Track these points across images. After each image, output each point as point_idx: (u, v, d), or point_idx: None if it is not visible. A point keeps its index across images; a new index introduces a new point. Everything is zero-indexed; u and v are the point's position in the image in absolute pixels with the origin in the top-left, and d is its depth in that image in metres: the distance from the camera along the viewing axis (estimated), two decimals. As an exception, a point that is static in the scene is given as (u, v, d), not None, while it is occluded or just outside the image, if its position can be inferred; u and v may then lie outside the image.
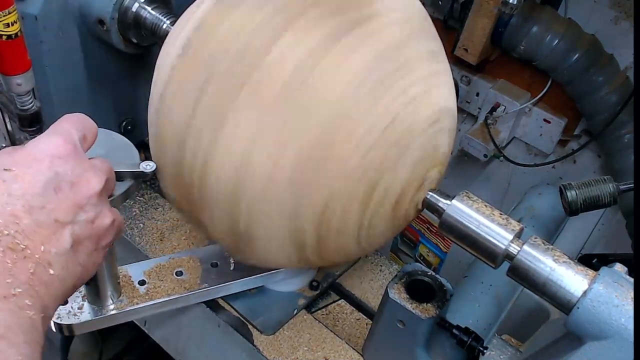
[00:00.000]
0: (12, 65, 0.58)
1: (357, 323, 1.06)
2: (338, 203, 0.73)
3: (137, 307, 0.91)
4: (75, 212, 0.60)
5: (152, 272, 0.95)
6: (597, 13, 1.37)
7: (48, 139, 0.62)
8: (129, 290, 0.92)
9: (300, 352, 0.97)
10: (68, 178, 0.60)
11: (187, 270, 0.97)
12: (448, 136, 0.78)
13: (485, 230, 0.73)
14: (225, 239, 0.80)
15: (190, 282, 0.96)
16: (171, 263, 0.97)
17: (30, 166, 0.58)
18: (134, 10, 0.99)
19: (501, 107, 1.51)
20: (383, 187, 0.73)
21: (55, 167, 0.59)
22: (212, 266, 0.99)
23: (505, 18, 1.35)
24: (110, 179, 0.68)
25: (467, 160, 1.69)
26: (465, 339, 0.86)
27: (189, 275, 0.97)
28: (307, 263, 0.83)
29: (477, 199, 0.76)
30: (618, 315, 0.64)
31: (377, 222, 0.77)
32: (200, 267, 0.98)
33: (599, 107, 1.37)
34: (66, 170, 0.60)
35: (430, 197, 0.78)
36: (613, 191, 0.86)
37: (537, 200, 1.38)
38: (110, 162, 0.69)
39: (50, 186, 0.58)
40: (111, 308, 0.89)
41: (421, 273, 0.88)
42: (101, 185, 0.64)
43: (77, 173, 0.61)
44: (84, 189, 0.61)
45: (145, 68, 1.11)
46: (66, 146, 0.62)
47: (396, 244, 1.58)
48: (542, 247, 0.71)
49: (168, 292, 0.93)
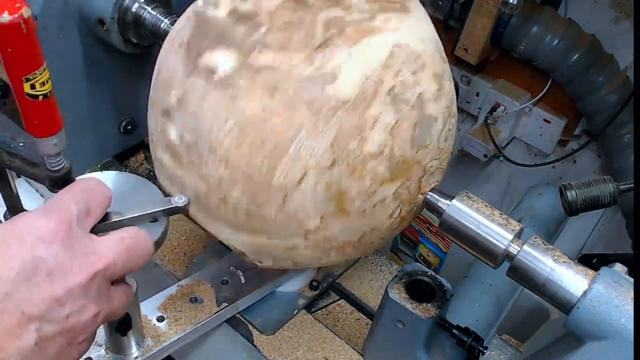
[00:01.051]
0: (48, 126, 0.53)
1: (357, 323, 1.06)
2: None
3: (165, 344, 0.86)
4: (49, 306, 0.52)
5: (167, 305, 0.92)
6: (597, 13, 1.37)
7: (39, 215, 0.54)
8: (150, 330, 0.87)
9: (300, 352, 0.97)
10: (49, 265, 0.52)
11: (201, 294, 0.95)
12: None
13: (485, 230, 0.73)
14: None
15: (209, 305, 0.93)
16: (181, 291, 0.94)
17: (9, 245, 0.51)
18: (134, 10, 0.99)
19: (501, 107, 1.51)
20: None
21: (37, 251, 0.52)
22: (222, 284, 0.97)
23: (505, 18, 1.35)
24: (116, 262, 0.58)
25: (467, 160, 1.69)
26: (465, 339, 0.86)
27: (205, 298, 0.94)
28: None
29: (477, 199, 0.76)
30: (618, 315, 0.64)
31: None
32: (212, 288, 0.96)
33: (599, 107, 1.37)
34: (48, 256, 0.52)
35: (430, 197, 0.78)
36: (613, 191, 0.86)
37: (537, 200, 1.38)
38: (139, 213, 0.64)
39: (24, 272, 0.50)
40: (138, 354, 0.83)
41: (421, 273, 0.88)
42: (90, 274, 0.54)
43: (60, 260, 0.53)
44: (65, 280, 0.52)
45: (145, 68, 1.11)
46: (57, 226, 0.53)
47: (396, 244, 1.58)
48: (542, 247, 0.71)
49: (191, 321, 0.90)
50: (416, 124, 0.72)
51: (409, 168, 0.74)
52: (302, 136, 0.67)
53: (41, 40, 0.96)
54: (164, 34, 0.98)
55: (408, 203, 0.77)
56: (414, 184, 0.76)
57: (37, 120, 0.52)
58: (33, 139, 0.54)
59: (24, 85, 0.49)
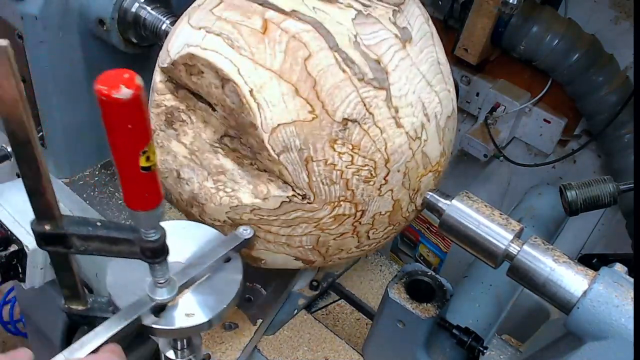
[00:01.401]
0: (157, 196, 0.49)
1: (357, 323, 1.06)
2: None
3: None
4: None
5: (207, 342, 0.90)
6: (597, 13, 1.37)
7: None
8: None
9: (300, 352, 0.97)
10: None
11: (231, 319, 0.94)
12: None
13: (485, 230, 0.73)
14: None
15: (246, 327, 0.93)
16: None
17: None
18: (134, 10, 0.99)
19: (501, 107, 1.51)
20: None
21: None
22: (247, 301, 0.97)
23: (505, 18, 1.35)
24: None
25: (467, 160, 1.69)
26: (465, 339, 0.86)
27: (238, 321, 0.94)
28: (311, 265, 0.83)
29: (477, 199, 0.76)
30: (618, 315, 0.64)
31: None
32: (240, 309, 0.95)
33: (599, 107, 1.37)
34: None
35: (430, 197, 0.78)
36: (613, 191, 0.86)
37: (537, 200, 1.38)
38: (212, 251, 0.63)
39: None
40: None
41: (421, 273, 0.88)
42: None
43: None
44: None
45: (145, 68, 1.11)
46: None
47: (396, 244, 1.58)
48: (542, 247, 0.71)
49: (238, 348, 0.89)
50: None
51: None
52: None
53: (41, 40, 0.97)
54: (164, 34, 0.98)
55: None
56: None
57: (149, 192, 0.49)
58: (128, 214, 0.50)
59: (140, 159, 0.46)
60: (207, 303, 0.61)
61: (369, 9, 0.71)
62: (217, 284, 0.64)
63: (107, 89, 0.41)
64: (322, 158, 0.69)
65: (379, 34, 0.70)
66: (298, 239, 0.77)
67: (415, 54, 0.73)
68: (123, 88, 0.42)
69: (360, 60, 0.69)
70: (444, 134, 0.77)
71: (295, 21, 0.68)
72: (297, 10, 0.69)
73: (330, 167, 0.70)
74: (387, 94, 0.70)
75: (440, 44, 0.79)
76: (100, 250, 0.55)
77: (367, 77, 0.69)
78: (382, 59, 0.70)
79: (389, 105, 0.70)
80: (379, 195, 0.74)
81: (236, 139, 0.74)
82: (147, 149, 0.46)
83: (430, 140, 0.75)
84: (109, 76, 0.42)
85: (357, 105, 0.69)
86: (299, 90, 0.67)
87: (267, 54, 0.68)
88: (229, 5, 0.72)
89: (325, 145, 0.68)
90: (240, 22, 0.70)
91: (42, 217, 0.52)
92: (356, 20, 0.70)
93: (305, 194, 0.71)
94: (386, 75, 0.70)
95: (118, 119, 0.43)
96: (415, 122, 0.73)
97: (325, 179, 0.70)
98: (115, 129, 0.44)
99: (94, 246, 0.55)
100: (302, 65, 0.67)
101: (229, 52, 0.69)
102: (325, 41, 0.68)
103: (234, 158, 0.76)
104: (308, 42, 0.68)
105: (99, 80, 0.42)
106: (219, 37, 0.70)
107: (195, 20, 0.74)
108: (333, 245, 0.78)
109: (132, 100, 0.42)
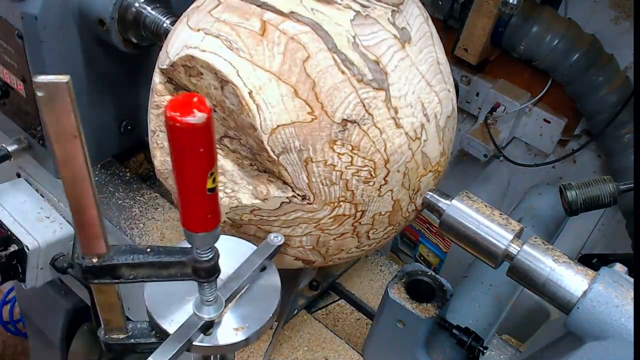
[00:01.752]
0: (218, 216, 0.49)
1: (357, 323, 1.06)
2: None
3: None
4: None
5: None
6: (597, 13, 1.37)
7: None
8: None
9: (300, 352, 0.97)
10: None
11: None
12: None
13: (485, 230, 0.73)
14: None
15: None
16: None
17: None
18: (134, 10, 0.99)
19: (501, 107, 1.51)
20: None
21: None
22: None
23: (505, 18, 1.35)
24: None
25: (467, 160, 1.69)
26: (465, 339, 0.86)
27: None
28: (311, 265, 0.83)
29: (477, 199, 0.76)
30: (618, 315, 0.64)
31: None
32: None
33: (599, 107, 1.37)
34: None
35: (430, 197, 0.78)
36: (613, 191, 0.86)
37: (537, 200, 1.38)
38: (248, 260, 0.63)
39: None
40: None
41: (421, 273, 0.88)
42: None
43: None
44: None
45: (145, 68, 1.11)
46: None
47: (396, 244, 1.58)
48: (542, 247, 0.71)
49: (261, 352, 0.90)
50: None
51: None
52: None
53: (41, 40, 0.97)
54: (164, 34, 0.98)
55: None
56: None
57: (212, 213, 0.48)
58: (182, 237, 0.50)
59: (208, 181, 0.45)
60: (253, 315, 0.61)
61: (368, 10, 0.71)
62: (257, 294, 0.63)
63: (181, 115, 0.41)
64: (322, 159, 0.69)
65: (377, 34, 0.70)
66: (298, 239, 0.77)
67: (414, 54, 0.73)
68: (197, 113, 0.41)
69: (359, 61, 0.69)
70: (443, 134, 0.77)
71: (294, 23, 0.68)
72: (295, 11, 0.69)
73: (329, 167, 0.70)
74: (386, 95, 0.70)
75: (440, 44, 0.79)
76: (150, 276, 0.54)
77: (366, 78, 0.69)
78: (381, 60, 0.70)
79: (388, 106, 0.70)
80: (379, 195, 0.74)
81: (236, 140, 0.74)
82: (214, 171, 0.45)
83: (430, 141, 0.75)
84: (179, 102, 0.41)
85: (356, 106, 0.69)
86: (298, 92, 0.67)
87: (265, 56, 0.68)
88: (227, 6, 0.72)
89: (325, 146, 0.68)
90: (238, 23, 0.70)
91: (90, 250, 0.50)
92: (355, 21, 0.70)
93: (305, 194, 0.71)
94: (385, 75, 0.70)
95: (191, 144, 0.43)
96: (414, 123, 0.73)
97: (325, 179, 0.70)
98: (186, 153, 0.43)
99: (144, 273, 0.54)
100: (301, 66, 0.67)
101: (228, 53, 0.69)
102: (324, 42, 0.68)
103: (233, 159, 0.76)
104: (307, 44, 0.68)
105: (170, 107, 0.41)
106: (217, 39, 0.70)
107: (194, 21, 0.74)
108: (333, 246, 0.79)
109: (206, 124, 0.42)
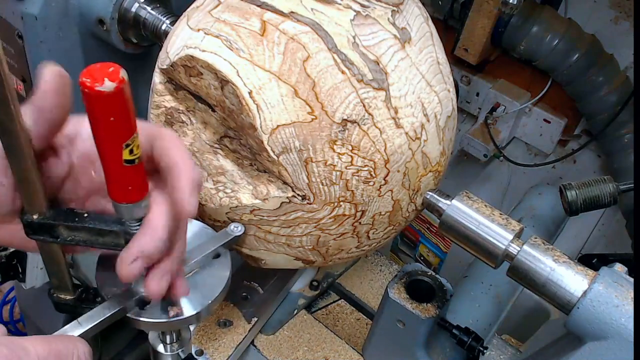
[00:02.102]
0: (142, 189, 0.49)
1: (357, 323, 1.06)
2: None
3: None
4: None
5: (201, 338, 0.89)
6: (597, 13, 1.37)
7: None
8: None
9: (300, 352, 0.97)
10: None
11: (227, 316, 0.94)
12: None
13: (485, 230, 0.73)
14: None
15: (241, 324, 0.93)
16: (207, 319, 0.92)
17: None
18: (134, 10, 0.99)
19: (501, 107, 1.51)
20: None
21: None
22: (243, 299, 0.97)
23: (505, 18, 1.35)
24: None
25: (467, 160, 1.69)
26: (465, 339, 0.86)
27: (233, 319, 0.94)
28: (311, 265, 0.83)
29: (477, 199, 0.76)
30: (618, 315, 0.64)
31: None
32: (235, 307, 0.95)
33: (599, 107, 1.37)
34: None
35: (430, 197, 0.78)
36: (613, 191, 0.86)
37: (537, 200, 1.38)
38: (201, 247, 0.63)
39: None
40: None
41: (421, 273, 0.88)
42: None
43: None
44: None
45: (145, 68, 1.11)
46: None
47: (396, 244, 1.58)
48: (542, 247, 0.71)
49: (231, 345, 0.89)
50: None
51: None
52: None
53: (41, 40, 0.97)
54: (164, 34, 0.98)
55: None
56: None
57: (133, 185, 0.49)
58: (111, 206, 0.50)
59: (123, 152, 0.46)
60: (193, 298, 0.61)
61: (368, 10, 0.71)
62: (204, 279, 0.64)
63: (91, 82, 0.42)
64: (322, 159, 0.69)
65: (377, 34, 0.70)
66: (298, 239, 0.77)
67: (414, 54, 0.73)
68: (107, 81, 0.42)
69: (359, 61, 0.69)
70: (443, 134, 0.77)
71: (294, 23, 0.69)
72: (295, 11, 0.69)
73: (329, 167, 0.70)
74: (386, 95, 0.70)
75: (440, 44, 0.79)
76: (87, 241, 0.55)
77: (366, 78, 0.69)
78: (381, 60, 0.70)
79: (388, 106, 0.70)
80: (379, 195, 0.74)
81: (236, 140, 0.74)
82: (131, 142, 0.46)
83: (430, 141, 0.75)
84: (94, 69, 0.43)
85: (356, 106, 0.69)
86: (298, 92, 0.67)
87: (265, 56, 0.68)
88: (227, 6, 0.72)
89: (325, 146, 0.68)
90: (238, 23, 0.70)
91: (31, 207, 0.52)
92: (355, 21, 0.70)
93: (305, 194, 0.71)
94: (385, 75, 0.70)
95: (100, 112, 0.44)
96: (414, 123, 0.73)
97: (325, 179, 0.70)
98: (98, 121, 0.45)
99: (81, 237, 0.55)
100: (301, 66, 0.67)
101: (228, 53, 0.69)
102: (324, 42, 0.68)
103: (233, 159, 0.76)
104: (307, 44, 0.68)
105: (84, 73, 0.42)
106: (217, 39, 0.70)
107: (194, 21, 0.74)
108: (333, 246, 0.79)
109: (115, 93, 0.43)
